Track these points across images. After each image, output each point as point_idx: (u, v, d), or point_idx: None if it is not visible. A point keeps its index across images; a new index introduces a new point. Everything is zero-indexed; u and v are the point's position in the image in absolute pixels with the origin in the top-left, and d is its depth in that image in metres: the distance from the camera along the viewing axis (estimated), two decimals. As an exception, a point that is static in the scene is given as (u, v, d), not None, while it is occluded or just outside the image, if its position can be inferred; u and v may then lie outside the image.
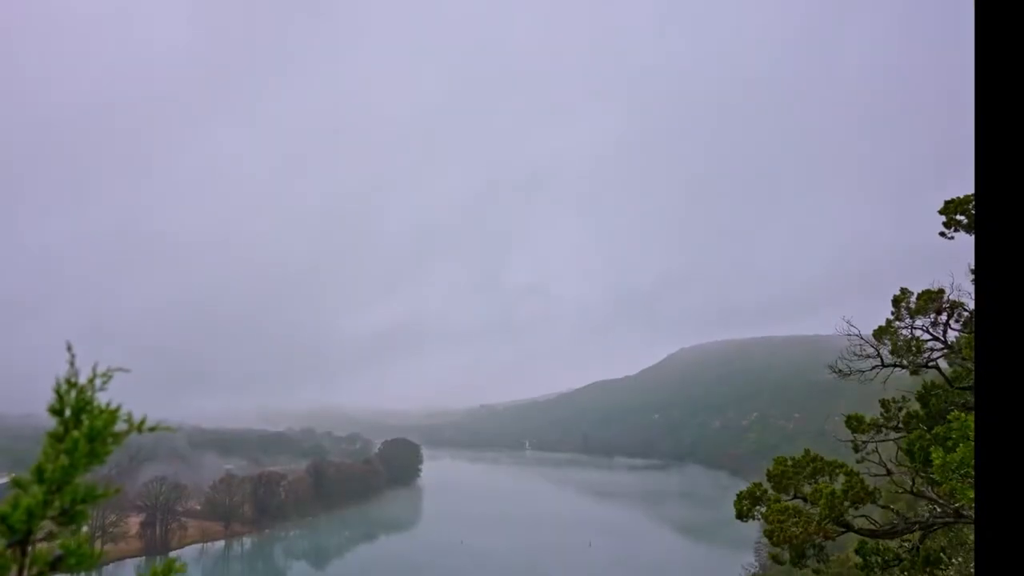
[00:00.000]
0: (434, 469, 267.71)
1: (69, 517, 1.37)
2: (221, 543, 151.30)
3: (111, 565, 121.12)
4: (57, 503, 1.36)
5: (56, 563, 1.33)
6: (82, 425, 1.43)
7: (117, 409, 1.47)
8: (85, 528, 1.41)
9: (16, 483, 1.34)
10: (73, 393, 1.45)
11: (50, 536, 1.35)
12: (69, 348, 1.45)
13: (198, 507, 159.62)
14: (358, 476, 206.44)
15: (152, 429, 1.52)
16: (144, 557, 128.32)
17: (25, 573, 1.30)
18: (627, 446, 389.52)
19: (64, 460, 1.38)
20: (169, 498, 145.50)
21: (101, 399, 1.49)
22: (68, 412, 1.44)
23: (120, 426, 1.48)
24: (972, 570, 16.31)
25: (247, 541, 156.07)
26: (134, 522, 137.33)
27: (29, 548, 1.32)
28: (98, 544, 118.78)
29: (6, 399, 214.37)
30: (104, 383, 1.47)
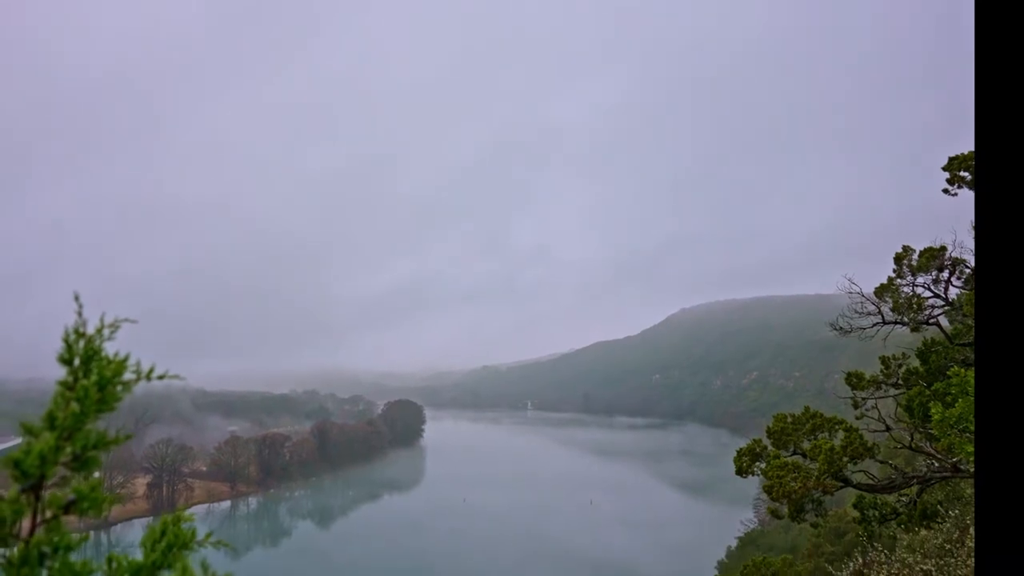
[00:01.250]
0: (436, 430, 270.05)
1: (81, 463, 1.38)
2: (227, 503, 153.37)
3: (119, 525, 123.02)
4: (69, 449, 1.37)
5: (69, 507, 1.35)
6: (91, 374, 1.44)
7: (126, 358, 1.48)
8: (97, 474, 1.42)
9: (27, 430, 1.36)
10: (82, 343, 1.46)
11: (63, 481, 1.36)
12: (76, 298, 1.45)
13: (204, 468, 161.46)
14: (361, 437, 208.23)
15: (160, 377, 1.54)
16: (151, 517, 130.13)
17: (39, 517, 1.32)
18: (628, 406, 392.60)
19: (75, 407, 1.39)
20: (175, 459, 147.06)
21: (108, 352, 1.50)
22: (77, 361, 1.45)
23: (128, 376, 1.49)
24: (968, 522, 16.52)
25: (252, 501, 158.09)
26: (141, 483, 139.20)
27: (43, 493, 1.33)
28: (105, 505, 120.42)
29: (11, 365, 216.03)
30: (112, 333, 1.48)
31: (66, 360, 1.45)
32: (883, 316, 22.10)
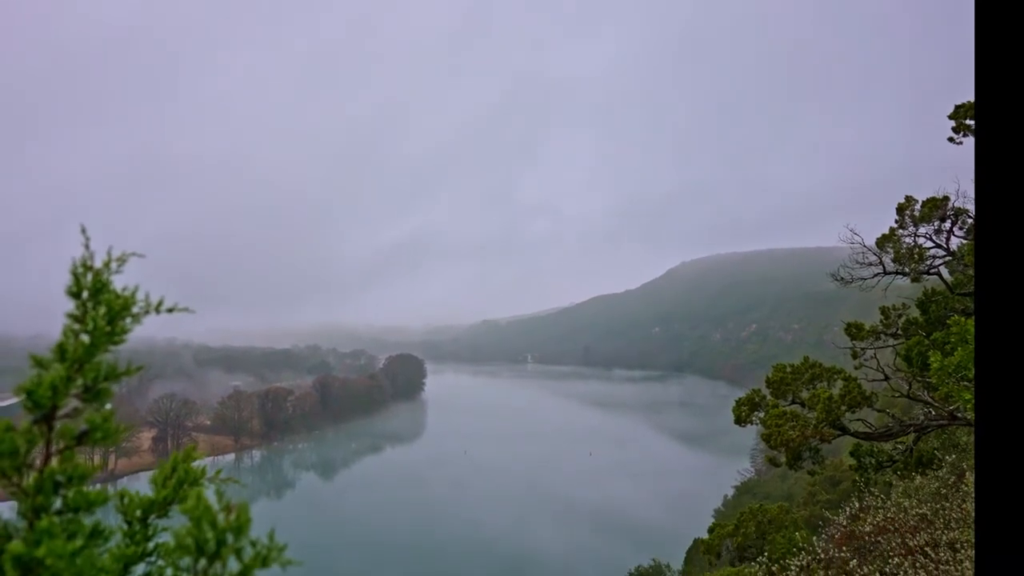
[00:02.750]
0: (437, 383, 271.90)
1: (93, 394, 1.38)
2: (231, 456, 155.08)
3: (125, 478, 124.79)
4: (80, 381, 1.37)
5: (82, 437, 1.35)
6: (100, 306, 1.43)
7: (135, 290, 1.47)
8: (109, 405, 1.42)
9: (37, 362, 1.35)
10: (89, 276, 1.45)
11: (75, 413, 1.36)
12: (83, 231, 1.43)
13: (207, 422, 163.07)
14: (363, 390, 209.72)
15: (170, 310, 1.51)
16: (157, 469, 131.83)
17: (52, 447, 1.32)
18: (628, 358, 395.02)
19: (84, 340, 1.40)
20: (179, 414, 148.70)
21: (117, 288, 1.48)
22: (86, 294, 1.44)
23: (137, 309, 1.47)
24: (965, 468, 16.71)
25: (256, 454, 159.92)
26: (146, 437, 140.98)
27: (55, 423, 1.34)
28: (111, 459, 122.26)
29: (17, 322, 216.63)
30: (119, 266, 1.47)
31: (74, 293, 1.43)
32: (884, 267, 22.04)
